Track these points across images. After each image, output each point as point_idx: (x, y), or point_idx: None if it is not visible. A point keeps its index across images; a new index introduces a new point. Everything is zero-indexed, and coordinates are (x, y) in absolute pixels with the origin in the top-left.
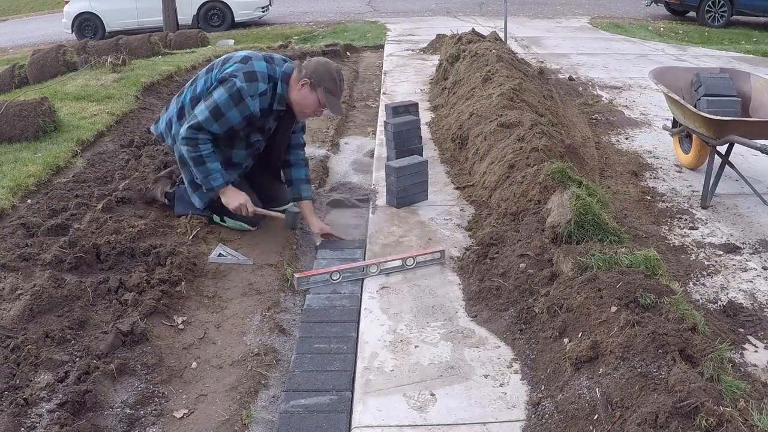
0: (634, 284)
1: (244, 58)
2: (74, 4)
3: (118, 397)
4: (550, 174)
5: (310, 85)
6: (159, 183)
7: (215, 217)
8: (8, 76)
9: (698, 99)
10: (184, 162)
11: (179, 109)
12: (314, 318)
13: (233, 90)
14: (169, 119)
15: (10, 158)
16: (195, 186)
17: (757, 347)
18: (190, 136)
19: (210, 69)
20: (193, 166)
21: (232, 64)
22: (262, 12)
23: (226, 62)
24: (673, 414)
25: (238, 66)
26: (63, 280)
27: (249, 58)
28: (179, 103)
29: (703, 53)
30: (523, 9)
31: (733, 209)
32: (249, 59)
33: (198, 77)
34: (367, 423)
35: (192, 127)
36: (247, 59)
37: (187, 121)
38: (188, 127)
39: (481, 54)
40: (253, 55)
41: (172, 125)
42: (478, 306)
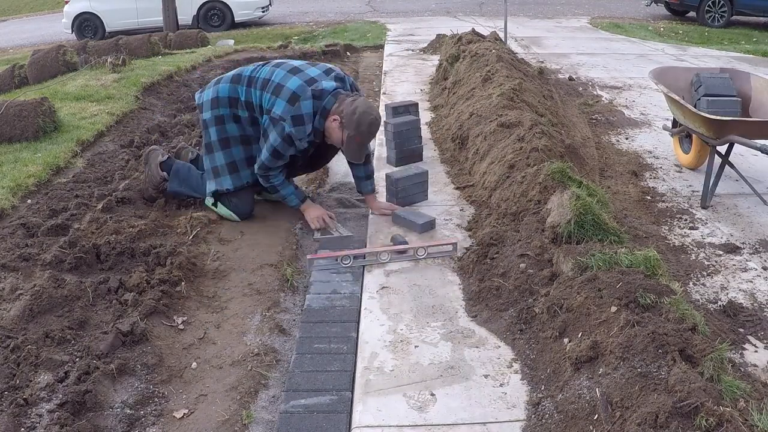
0: (634, 284)
1: (292, 97)
2: (74, 4)
3: (118, 397)
4: (550, 174)
5: (340, 123)
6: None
7: (208, 200)
8: (8, 76)
9: (698, 99)
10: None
11: (233, 98)
12: (314, 318)
13: (284, 134)
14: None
15: (10, 158)
16: (233, 167)
17: (757, 347)
18: (262, 174)
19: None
20: (273, 193)
21: (282, 103)
22: (262, 12)
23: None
24: (673, 414)
25: (287, 108)
26: (63, 280)
27: (297, 98)
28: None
29: (703, 53)
30: (523, 9)
31: (733, 209)
32: (297, 100)
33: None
34: (367, 423)
35: (260, 167)
36: (295, 100)
37: (257, 162)
38: (259, 168)
39: (481, 54)
40: (301, 94)
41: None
42: (478, 306)
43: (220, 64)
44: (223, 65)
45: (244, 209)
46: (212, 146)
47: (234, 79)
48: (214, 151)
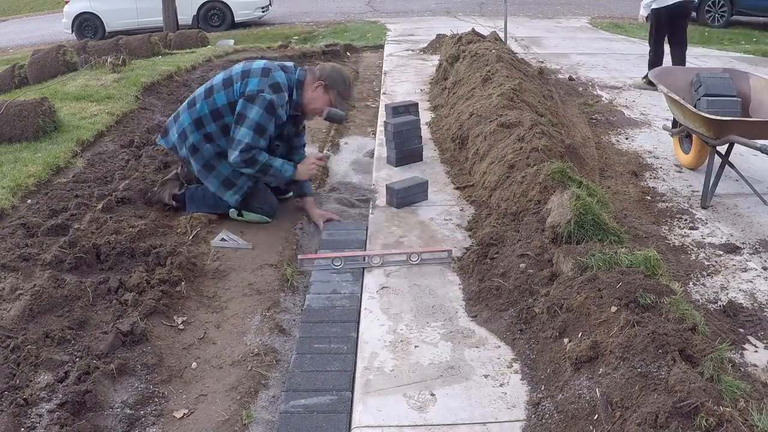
0: (634, 284)
1: (264, 70)
2: (74, 4)
3: (118, 397)
4: (550, 174)
5: (324, 87)
6: (167, 186)
7: (232, 212)
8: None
9: (698, 99)
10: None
11: (196, 120)
12: (314, 318)
13: (266, 103)
14: (182, 130)
15: (10, 158)
16: (228, 184)
17: (757, 347)
18: (245, 158)
19: (228, 82)
20: (264, 175)
21: (255, 79)
22: (262, 12)
23: (246, 76)
24: (673, 414)
25: (262, 80)
26: (63, 280)
27: (269, 70)
28: (194, 114)
29: (703, 53)
30: (523, 9)
31: (733, 209)
32: (269, 71)
33: (213, 89)
34: (367, 423)
35: (243, 150)
36: (267, 71)
37: (234, 147)
38: (239, 152)
39: (481, 54)
40: (271, 67)
41: (186, 136)
42: (478, 306)
43: (219, 64)
44: (222, 65)
45: (270, 209)
46: (199, 177)
47: (189, 104)
48: (204, 180)
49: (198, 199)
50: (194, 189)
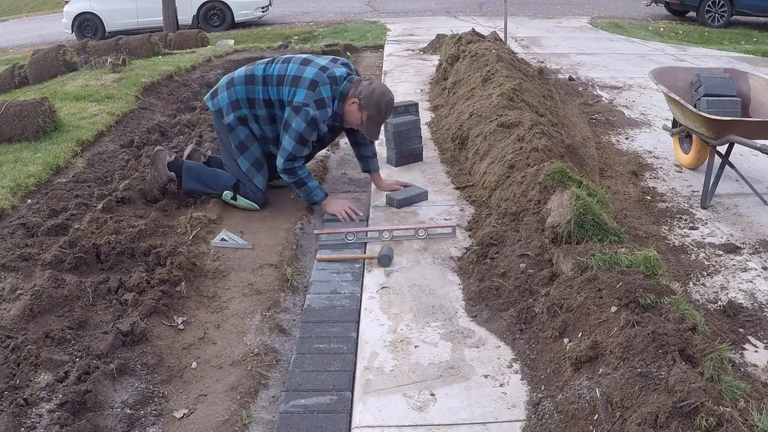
0: (634, 284)
1: (312, 83)
2: (74, 4)
3: (118, 397)
4: (550, 174)
5: (359, 105)
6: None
7: (226, 194)
8: (8, 76)
9: (698, 99)
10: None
11: (249, 99)
12: (314, 318)
13: (309, 118)
14: (236, 100)
15: (10, 158)
16: (258, 165)
17: (757, 347)
18: (288, 167)
19: (281, 81)
20: (296, 188)
21: (303, 91)
22: (262, 12)
23: (296, 84)
24: (673, 414)
25: (308, 94)
26: (63, 280)
27: (317, 84)
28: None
29: (703, 53)
30: (523, 9)
31: (733, 209)
32: (317, 85)
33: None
34: (367, 423)
35: (287, 159)
36: (315, 85)
37: (281, 154)
38: (285, 160)
39: (481, 54)
40: (320, 80)
41: (240, 107)
42: (478, 306)
43: (220, 64)
44: (223, 65)
45: (262, 198)
46: (245, 144)
47: (247, 80)
48: (250, 147)
49: (194, 175)
50: (191, 163)
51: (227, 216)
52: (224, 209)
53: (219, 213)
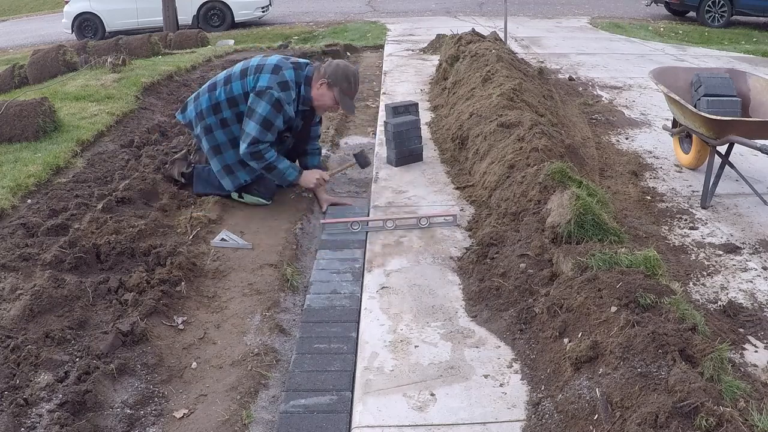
0: (634, 284)
1: (275, 67)
2: (74, 4)
3: (118, 397)
4: (550, 174)
5: (328, 84)
6: (175, 164)
7: (234, 194)
8: (8, 76)
9: (698, 99)
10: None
11: (214, 105)
12: (314, 318)
13: (273, 100)
14: (200, 110)
15: (10, 158)
16: (228, 170)
17: (757, 347)
18: (252, 151)
19: (245, 73)
20: (267, 173)
21: (266, 75)
22: (262, 12)
23: (259, 71)
24: (673, 414)
25: (271, 78)
26: (63, 280)
27: (280, 68)
28: (213, 99)
29: (703, 53)
30: (523, 9)
31: (733, 209)
32: (280, 69)
33: (231, 77)
34: (367, 423)
35: (250, 143)
36: (278, 69)
37: (243, 140)
38: (247, 145)
39: (481, 54)
40: (282, 65)
41: (204, 117)
42: (478, 306)
43: (220, 64)
44: (223, 65)
45: (268, 192)
46: (208, 154)
47: (210, 87)
48: (211, 160)
49: (204, 179)
50: (201, 168)
51: (227, 216)
52: (224, 209)
53: (219, 213)
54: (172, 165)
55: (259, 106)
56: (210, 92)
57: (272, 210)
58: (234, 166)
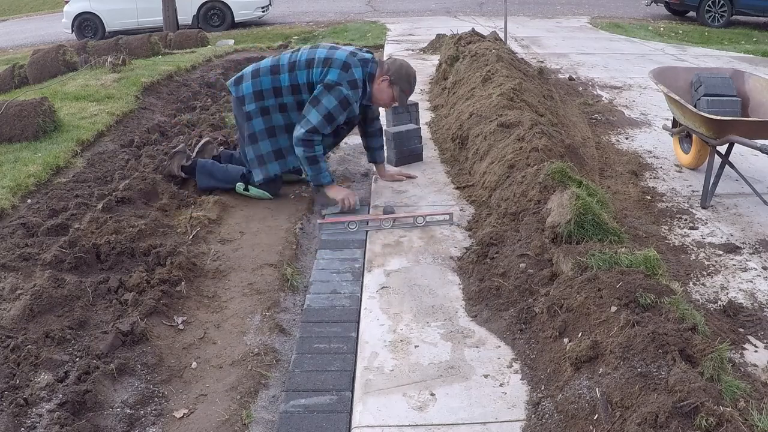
0: (634, 284)
1: (345, 65)
2: (74, 4)
3: (118, 397)
4: (550, 174)
5: (390, 82)
6: (175, 158)
7: (238, 186)
8: (8, 76)
9: (698, 99)
10: (263, 134)
11: (275, 88)
12: (314, 318)
13: (341, 97)
14: (260, 90)
15: (10, 158)
16: (260, 161)
17: (757, 347)
18: (307, 138)
19: (310, 63)
20: (308, 164)
21: (336, 70)
22: (262, 12)
23: (328, 64)
24: (673, 414)
25: (342, 74)
26: (63, 280)
27: (349, 66)
28: (276, 83)
29: (703, 53)
30: (523, 9)
31: (733, 209)
32: (349, 67)
33: (296, 64)
34: (367, 423)
35: (309, 131)
36: (347, 66)
37: (302, 125)
38: (306, 131)
39: (481, 54)
40: (351, 62)
41: (263, 97)
42: (478, 306)
43: (220, 64)
44: (223, 65)
45: (274, 188)
46: (257, 136)
47: (273, 70)
48: (259, 141)
49: (207, 173)
50: (204, 162)
51: (227, 216)
52: (224, 209)
53: (219, 213)
54: (171, 159)
55: (326, 98)
56: (273, 75)
57: (272, 210)
58: (285, 150)
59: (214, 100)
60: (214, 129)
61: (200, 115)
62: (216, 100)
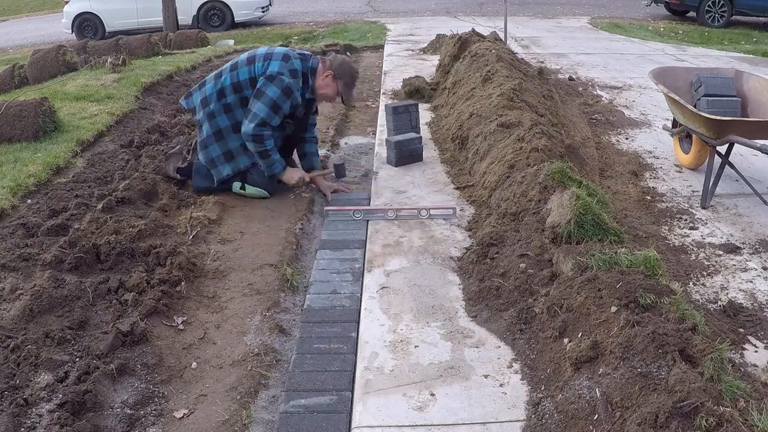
0: (634, 284)
1: (285, 56)
2: (74, 4)
3: (118, 397)
4: (550, 174)
5: (333, 76)
6: (171, 159)
7: (235, 185)
8: (8, 76)
9: (698, 99)
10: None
11: (219, 91)
12: (314, 318)
13: (284, 86)
14: (205, 97)
15: (10, 158)
16: (228, 156)
17: (757, 347)
18: (257, 132)
19: (251, 60)
20: (260, 158)
21: (276, 62)
22: (262, 12)
23: (269, 58)
24: (673, 414)
25: (281, 65)
26: (63, 280)
27: (289, 57)
28: (218, 85)
29: (703, 53)
30: (523, 9)
31: (733, 209)
32: (289, 58)
33: (238, 64)
34: (367, 423)
35: (258, 124)
36: (287, 58)
37: (249, 119)
38: (255, 125)
39: (481, 54)
40: (291, 54)
41: (208, 102)
42: (478, 306)
43: (219, 64)
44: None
45: (269, 185)
46: (206, 142)
47: (215, 75)
48: (208, 146)
49: (203, 174)
50: (200, 164)
51: (227, 216)
52: (224, 209)
53: (219, 213)
54: (167, 160)
55: (269, 89)
56: (216, 79)
57: (272, 210)
58: (235, 150)
59: None
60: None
61: None
62: None
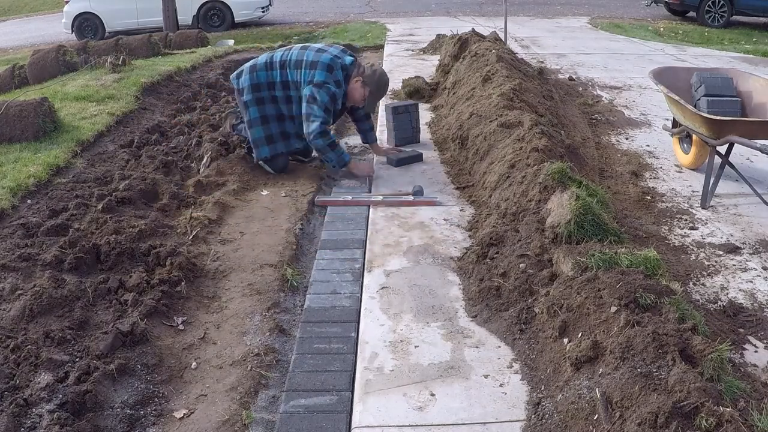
0: (634, 284)
1: (329, 66)
2: (74, 4)
3: (118, 397)
4: (550, 174)
5: (362, 83)
6: (228, 117)
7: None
8: (8, 76)
9: (698, 99)
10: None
11: (269, 82)
12: (314, 318)
13: (330, 93)
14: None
15: (10, 158)
16: (270, 140)
17: (757, 347)
18: (322, 129)
19: (299, 65)
20: (330, 150)
21: (323, 72)
22: (262, 12)
23: (315, 67)
24: (673, 414)
25: (327, 75)
26: (63, 281)
27: (333, 68)
28: (269, 78)
29: (703, 53)
30: (523, 9)
31: (733, 209)
32: (333, 69)
33: (288, 62)
34: (367, 423)
35: (322, 123)
36: (331, 69)
37: (312, 120)
38: (319, 124)
39: (481, 54)
40: (334, 65)
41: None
42: (478, 306)
43: (220, 64)
44: (223, 65)
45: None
46: (251, 123)
47: (267, 66)
48: (253, 126)
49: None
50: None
51: (227, 216)
52: (224, 209)
53: (219, 213)
54: (225, 119)
55: (320, 95)
56: (267, 70)
57: (272, 210)
58: (276, 136)
59: (214, 101)
60: (214, 129)
61: (200, 115)
62: (216, 101)
